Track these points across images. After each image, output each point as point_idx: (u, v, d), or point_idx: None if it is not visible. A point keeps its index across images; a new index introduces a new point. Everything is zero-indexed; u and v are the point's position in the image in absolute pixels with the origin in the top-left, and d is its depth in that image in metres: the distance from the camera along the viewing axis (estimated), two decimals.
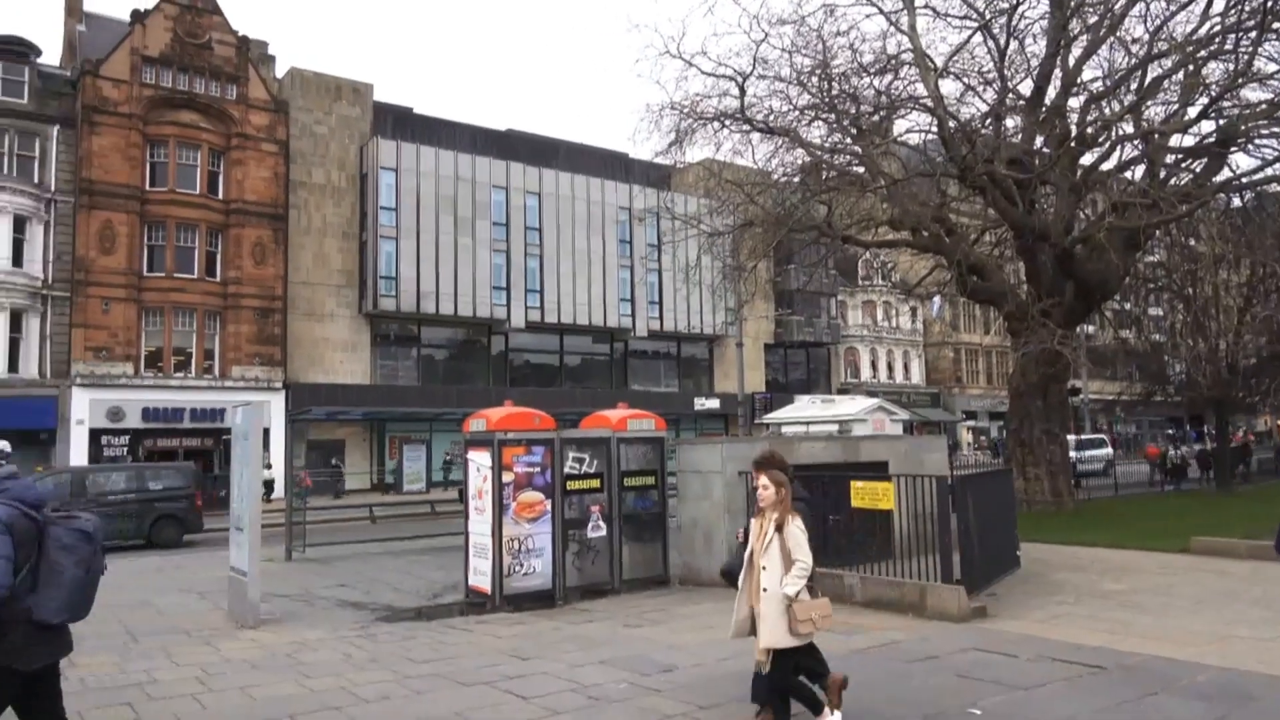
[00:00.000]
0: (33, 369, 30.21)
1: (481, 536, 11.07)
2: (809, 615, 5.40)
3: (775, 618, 5.40)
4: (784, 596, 5.38)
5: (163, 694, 7.22)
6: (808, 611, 5.40)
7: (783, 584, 5.39)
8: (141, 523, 19.79)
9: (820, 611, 5.49)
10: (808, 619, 5.40)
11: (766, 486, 5.60)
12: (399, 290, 36.30)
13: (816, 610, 5.46)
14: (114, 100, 31.71)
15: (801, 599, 5.39)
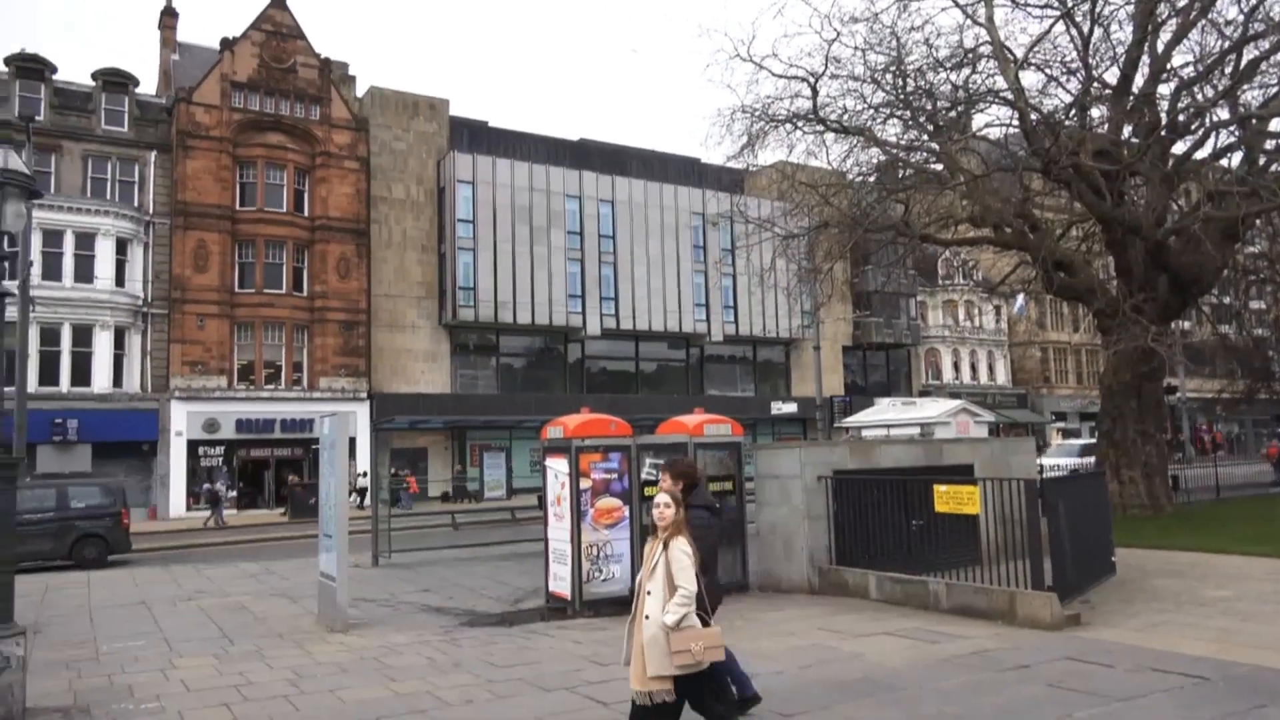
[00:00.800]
0: (135, 383, 31.69)
1: (561, 542, 11.16)
2: (687, 646, 4.83)
3: (656, 648, 4.89)
4: (662, 625, 4.88)
5: (257, 695, 7.46)
6: (686, 642, 4.83)
7: (664, 611, 4.89)
8: (61, 542, 18.67)
9: (706, 642, 4.89)
10: (685, 650, 4.82)
11: (668, 505, 5.12)
12: (477, 300, 36.95)
13: (700, 640, 4.86)
14: (206, 125, 33.13)
15: (685, 627, 4.87)
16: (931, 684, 7.08)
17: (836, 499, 11.60)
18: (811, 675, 7.45)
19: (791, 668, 7.74)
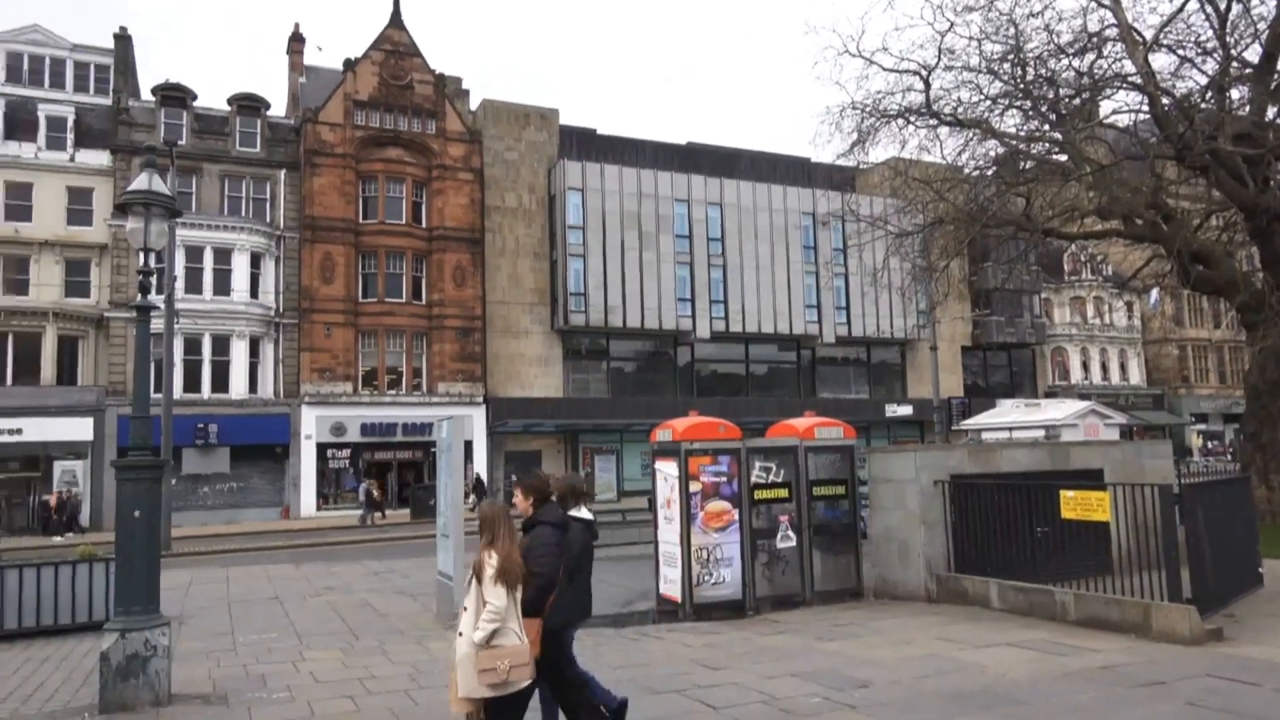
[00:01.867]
0: (269, 389, 33.48)
1: (670, 545, 11.19)
2: (494, 664, 4.80)
3: (466, 666, 4.85)
4: (471, 642, 4.86)
5: (379, 689, 7.76)
6: (493, 660, 4.80)
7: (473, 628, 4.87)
8: None
9: (513, 660, 4.84)
10: (491, 668, 4.79)
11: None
12: (588, 306, 37.45)
13: (508, 659, 4.83)
14: (330, 143, 34.76)
15: (495, 645, 4.83)
16: (1057, 698, 6.76)
17: (954, 504, 11.23)
18: (929, 686, 7.23)
19: (907, 677, 7.52)
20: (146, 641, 7.12)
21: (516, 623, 4.96)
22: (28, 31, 34.18)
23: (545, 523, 5.63)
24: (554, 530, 5.61)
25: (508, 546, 5.05)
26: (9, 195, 31.74)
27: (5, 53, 33.81)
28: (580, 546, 5.93)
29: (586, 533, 6.05)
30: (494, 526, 5.10)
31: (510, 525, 5.20)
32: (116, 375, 31.43)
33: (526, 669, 4.91)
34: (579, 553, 5.91)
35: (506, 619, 4.87)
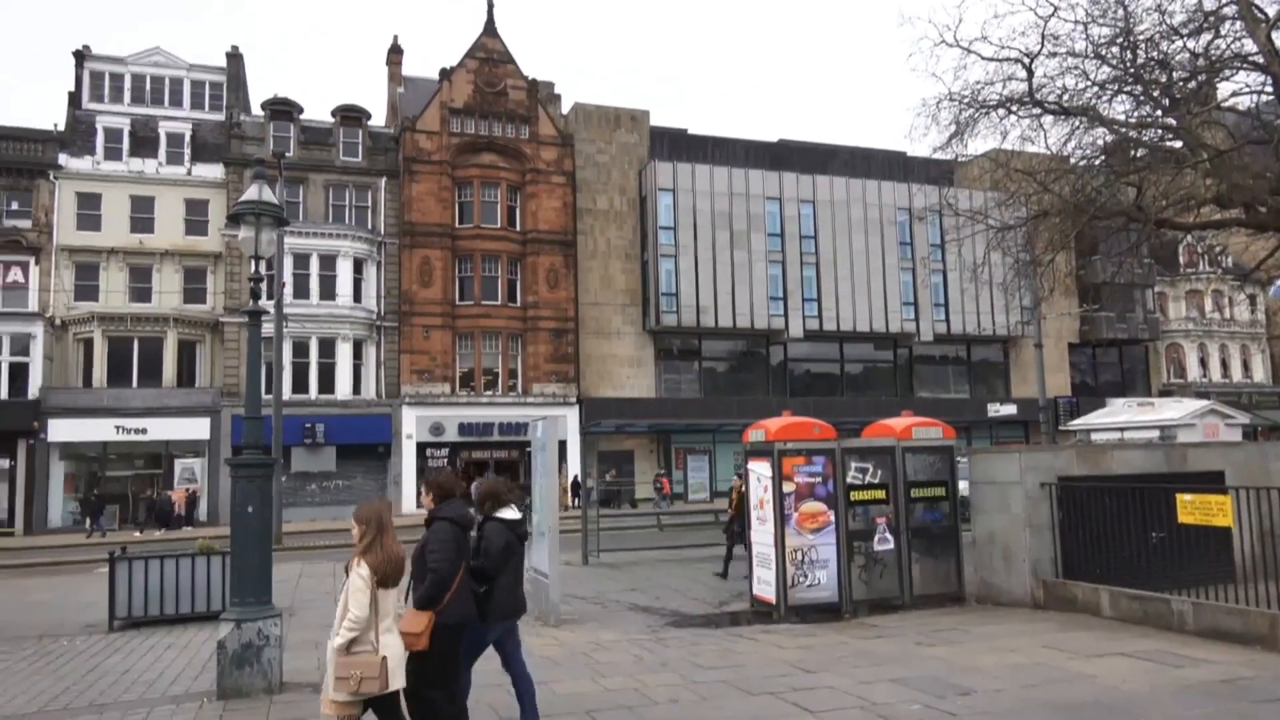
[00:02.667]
0: (371, 390, 34.62)
1: (764, 546, 11.10)
2: (348, 673, 4.81)
3: (328, 669, 4.88)
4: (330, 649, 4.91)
5: (477, 682, 7.84)
6: (347, 669, 4.82)
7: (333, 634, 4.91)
8: None
9: (364, 672, 4.82)
10: (346, 676, 4.81)
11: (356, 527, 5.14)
12: (679, 306, 37.47)
13: (358, 669, 4.82)
14: (428, 150, 35.72)
15: (356, 653, 4.85)
16: (1175, 712, 6.43)
17: (1062, 507, 10.81)
18: (1036, 696, 6.97)
19: (1013, 686, 7.28)
20: (260, 631, 7.44)
21: (386, 630, 4.99)
22: (150, 54, 36.21)
23: (443, 518, 5.66)
24: (451, 526, 5.61)
25: (390, 547, 5.07)
26: (134, 209, 33.67)
27: (130, 75, 35.91)
28: (500, 546, 5.96)
29: (508, 532, 6.06)
30: (370, 530, 5.09)
31: (389, 523, 5.20)
32: (230, 377, 32.98)
33: (376, 682, 4.87)
34: (498, 552, 5.95)
35: (366, 629, 4.90)
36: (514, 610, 6.16)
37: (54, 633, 11.33)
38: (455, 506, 5.78)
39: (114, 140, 33.72)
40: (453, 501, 5.81)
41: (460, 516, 5.72)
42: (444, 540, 5.54)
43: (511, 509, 6.23)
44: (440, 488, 5.87)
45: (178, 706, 7.31)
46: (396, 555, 5.08)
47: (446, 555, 5.48)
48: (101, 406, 31.04)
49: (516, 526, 6.18)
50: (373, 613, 4.92)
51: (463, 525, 5.70)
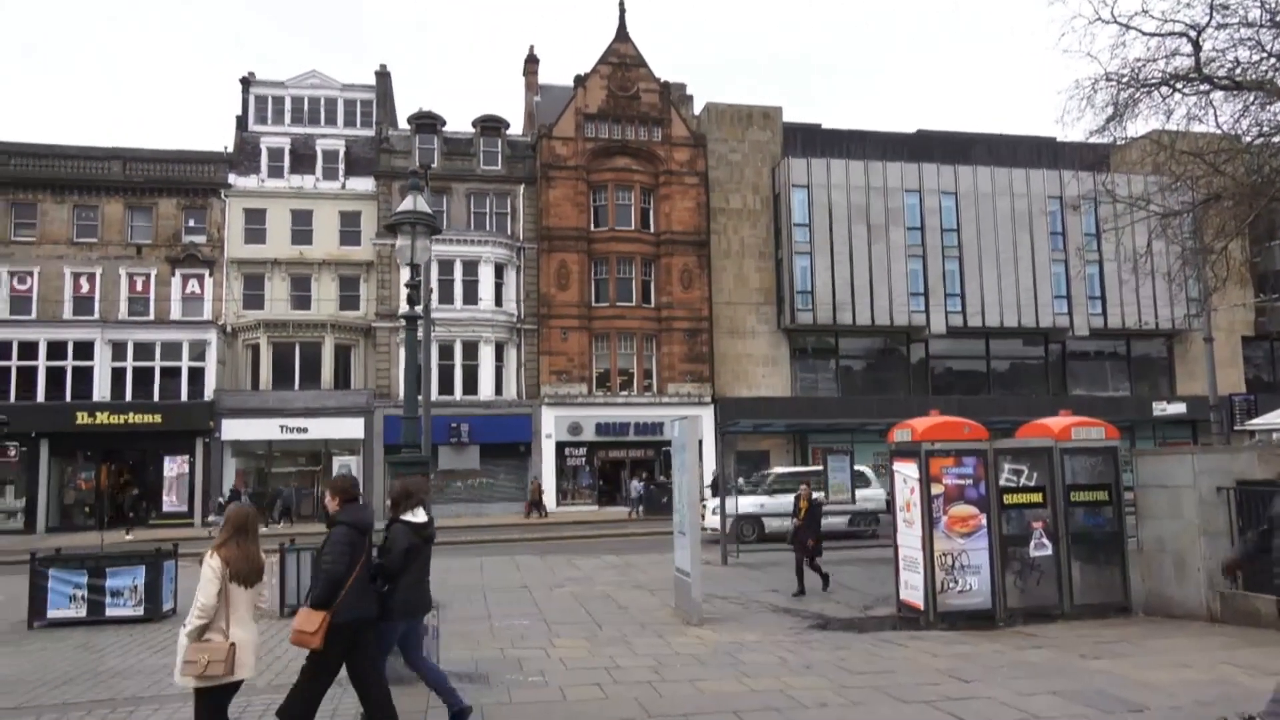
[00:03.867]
0: (512, 391, 35.68)
1: (911, 550, 10.79)
2: (196, 658, 5.14)
3: (179, 653, 5.27)
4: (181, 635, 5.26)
5: (624, 679, 8.03)
6: (196, 654, 5.15)
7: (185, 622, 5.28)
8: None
9: (210, 656, 5.12)
10: (193, 661, 5.13)
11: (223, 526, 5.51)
12: (815, 304, 36.88)
13: (207, 654, 5.13)
14: (563, 156, 36.53)
15: (205, 640, 5.16)
16: None
17: (1242, 513, 10.02)
18: (1214, 714, 6.48)
19: (1188, 703, 6.80)
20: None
21: (238, 622, 5.28)
22: (308, 77, 38.54)
23: (341, 523, 5.92)
24: (347, 530, 5.87)
25: (246, 547, 5.38)
26: (294, 222, 35.93)
27: (289, 97, 38.32)
28: (402, 549, 6.20)
29: (412, 535, 6.28)
30: (229, 529, 5.46)
31: (251, 528, 5.49)
32: (382, 379, 34.71)
33: (222, 666, 5.14)
34: (400, 554, 6.19)
35: (217, 618, 5.20)
36: (416, 608, 6.42)
37: None
38: (354, 511, 6.07)
39: (276, 159, 36.08)
40: (353, 506, 6.12)
41: (357, 521, 5.99)
42: (339, 544, 5.84)
43: (419, 512, 6.46)
44: (343, 492, 6.16)
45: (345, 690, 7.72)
46: (253, 557, 5.44)
47: (339, 558, 5.77)
48: (267, 407, 33.26)
49: (422, 529, 6.43)
50: (224, 604, 5.26)
51: (359, 529, 5.97)
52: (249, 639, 5.36)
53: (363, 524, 6.06)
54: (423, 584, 6.49)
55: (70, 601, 11.93)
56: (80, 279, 34.31)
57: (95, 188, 34.84)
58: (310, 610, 5.69)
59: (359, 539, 5.96)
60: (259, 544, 5.60)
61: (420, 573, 6.43)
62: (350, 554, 5.84)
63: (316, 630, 5.63)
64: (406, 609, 6.33)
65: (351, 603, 5.78)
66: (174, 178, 35.47)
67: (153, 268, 34.80)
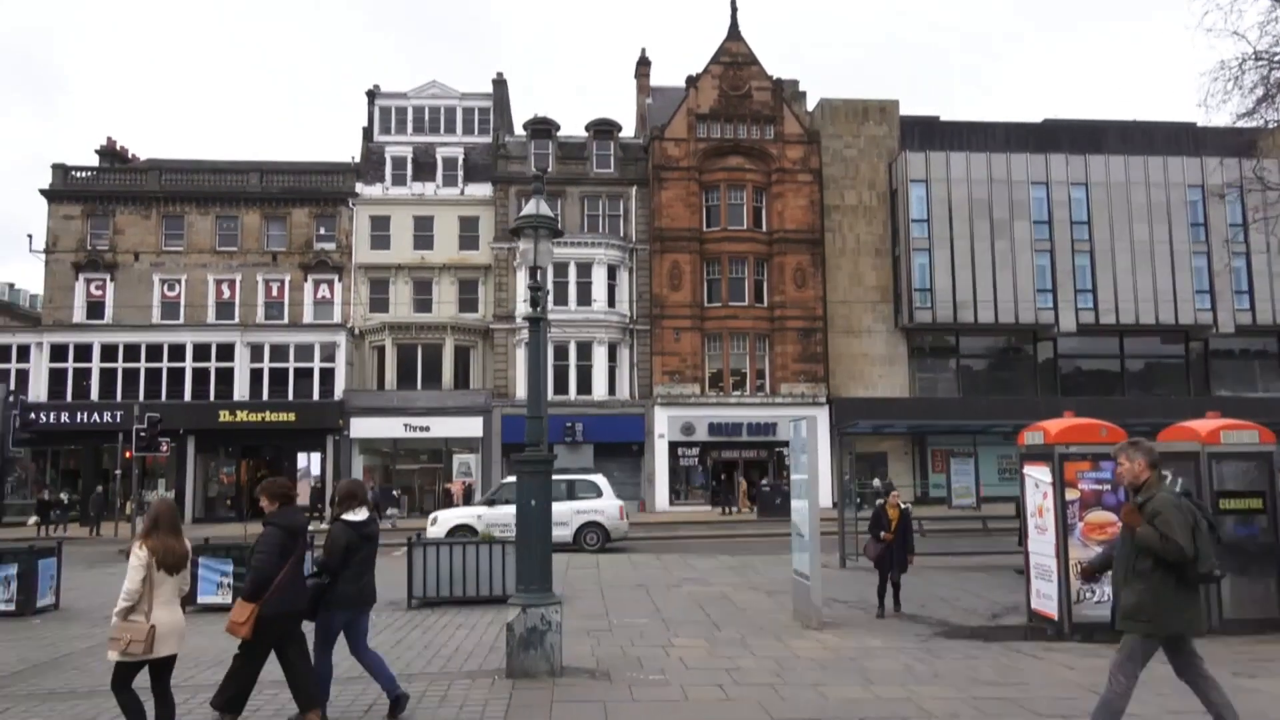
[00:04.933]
0: (625, 391, 36.01)
1: (1043, 558, 10.35)
2: (120, 636, 5.74)
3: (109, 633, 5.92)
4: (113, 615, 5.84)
5: (745, 681, 7.99)
6: (120, 632, 5.75)
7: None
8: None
9: (131, 635, 5.71)
10: (117, 639, 5.75)
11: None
12: (934, 302, 35.83)
13: (128, 634, 5.71)
14: (675, 158, 36.64)
15: (130, 620, 5.74)
16: None
17: None
18: None
19: None
20: (543, 617, 7.95)
21: (161, 606, 5.78)
22: (429, 88, 39.90)
23: (272, 524, 6.43)
24: (277, 530, 6.38)
25: (168, 540, 5.91)
26: (416, 228, 37.28)
27: (411, 107, 39.76)
28: (341, 546, 6.60)
29: (351, 533, 6.67)
30: (150, 521, 6.01)
31: (170, 520, 6.03)
32: (500, 380, 35.59)
33: (142, 645, 5.70)
34: (339, 551, 6.59)
35: (141, 602, 5.74)
36: (357, 600, 6.78)
37: None
38: (286, 513, 6.57)
39: (399, 167, 37.50)
40: (287, 508, 6.63)
41: (287, 523, 6.48)
42: (268, 543, 6.36)
43: (360, 511, 6.84)
44: (276, 496, 6.63)
45: (473, 682, 7.97)
46: (175, 548, 5.95)
47: (268, 557, 6.28)
48: (392, 406, 34.60)
49: (361, 527, 6.78)
50: (148, 589, 5.79)
51: (289, 530, 6.44)
52: (170, 621, 5.84)
53: (293, 525, 6.53)
54: (365, 578, 6.84)
55: (217, 589, 12.68)
56: (222, 285, 36.51)
57: (236, 199, 37.01)
58: (241, 602, 6.24)
59: (289, 539, 6.43)
60: (181, 535, 6.11)
61: (362, 567, 6.79)
62: (279, 553, 6.33)
63: (245, 621, 6.13)
64: (348, 601, 6.71)
65: (280, 597, 6.25)
66: (306, 188, 37.33)
67: (287, 274, 36.71)
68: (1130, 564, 5.61)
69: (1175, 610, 5.49)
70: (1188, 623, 5.57)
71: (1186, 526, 5.41)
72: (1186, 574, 5.45)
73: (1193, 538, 5.40)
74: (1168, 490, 5.66)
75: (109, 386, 33.90)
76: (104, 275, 36.34)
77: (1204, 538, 5.48)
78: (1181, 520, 5.41)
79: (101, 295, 36.32)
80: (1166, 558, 5.39)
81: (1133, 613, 5.60)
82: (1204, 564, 5.43)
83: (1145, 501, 5.57)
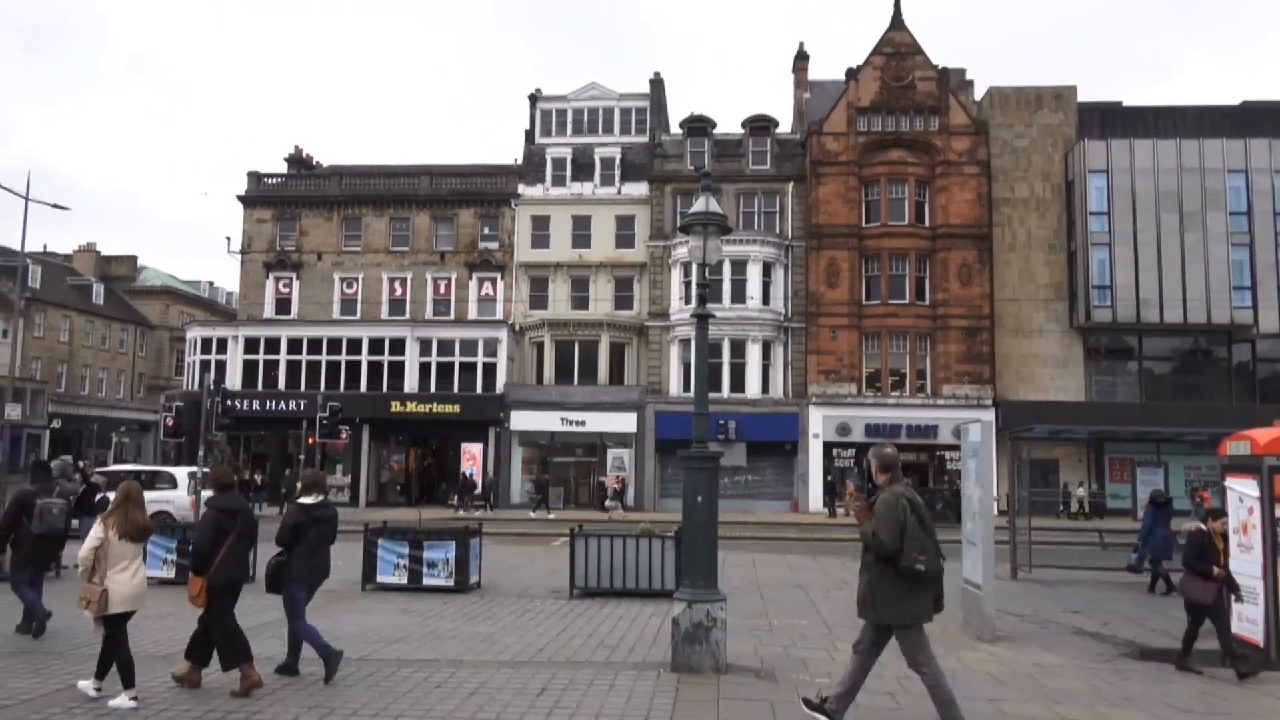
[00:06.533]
0: (778, 390, 35.62)
1: (1248, 579, 9.49)
2: (83, 595, 6.84)
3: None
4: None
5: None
6: (82, 593, 6.84)
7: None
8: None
9: (88, 596, 6.78)
10: (82, 598, 6.84)
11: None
12: (1114, 300, 33.59)
13: (86, 594, 6.80)
14: (834, 152, 35.90)
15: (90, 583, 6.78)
16: None
17: None
18: None
19: None
20: (709, 613, 7.96)
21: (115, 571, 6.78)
22: (588, 90, 40.76)
23: (212, 507, 7.56)
24: (215, 513, 7.46)
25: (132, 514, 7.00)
26: (574, 227, 38.19)
27: (571, 109, 40.71)
28: (290, 524, 7.55)
29: (301, 514, 7.59)
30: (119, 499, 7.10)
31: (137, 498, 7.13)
32: (653, 376, 35.96)
33: (96, 605, 6.73)
34: (288, 529, 7.54)
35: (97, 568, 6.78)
36: (309, 574, 7.65)
37: (528, 594, 13.15)
38: (224, 498, 7.66)
39: (559, 168, 38.52)
40: (226, 493, 7.72)
41: (224, 506, 7.52)
42: (206, 523, 7.51)
43: (312, 495, 7.79)
44: (217, 481, 7.84)
45: (638, 673, 8.08)
46: (135, 521, 6.99)
47: (206, 535, 7.35)
48: (550, 401, 35.58)
49: (311, 510, 7.66)
50: (103, 556, 6.80)
51: (226, 512, 7.46)
52: (124, 583, 6.82)
53: (229, 508, 7.55)
54: (317, 555, 7.70)
55: (394, 570, 13.39)
56: (394, 283, 38.61)
57: (408, 201, 39.05)
58: (193, 576, 7.31)
59: (225, 519, 7.42)
60: (144, 510, 7.21)
61: (315, 545, 7.65)
62: (215, 532, 7.34)
63: (198, 592, 7.21)
64: (301, 575, 7.58)
65: (225, 567, 7.30)
66: (471, 190, 38.95)
67: (453, 272, 38.42)
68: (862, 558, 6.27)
69: (893, 601, 6.04)
70: (909, 613, 6.08)
71: (896, 524, 5.92)
72: (898, 567, 5.93)
73: (900, 535, 5.89)
74: (893, 491, 6.13)
75: (294, 377, 36.49)
76: (290, 274, 39.16)
77: (911, 535, 5.91)
78: (891, 518, 5.95)
79: (288, 292, 39.16)
80: (878, 552, 6.00)
81: (859, 601, 6.34)
82: (905, 558, 5.90)
83: (873, 502, 6.17)
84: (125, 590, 6.83)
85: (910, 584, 5.99)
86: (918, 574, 5.96)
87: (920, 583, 6.00)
